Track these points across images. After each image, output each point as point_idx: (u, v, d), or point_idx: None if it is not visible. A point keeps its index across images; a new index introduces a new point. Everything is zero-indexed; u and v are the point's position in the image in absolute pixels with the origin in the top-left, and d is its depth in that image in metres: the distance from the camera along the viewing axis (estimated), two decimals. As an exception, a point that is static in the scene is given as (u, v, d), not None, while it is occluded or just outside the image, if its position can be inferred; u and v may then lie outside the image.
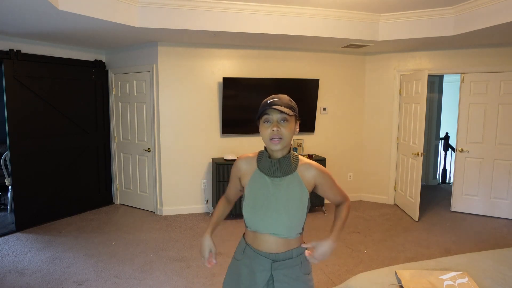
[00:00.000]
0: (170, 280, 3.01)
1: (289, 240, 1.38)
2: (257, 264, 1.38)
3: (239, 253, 1.46)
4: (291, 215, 1.34)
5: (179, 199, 4.74)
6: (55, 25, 3.43)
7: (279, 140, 1.29)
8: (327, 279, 3.04)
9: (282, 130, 1.28)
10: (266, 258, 1.37)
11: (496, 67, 4.51)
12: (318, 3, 3.74)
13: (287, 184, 1.35)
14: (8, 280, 2.98)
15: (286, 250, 1.38)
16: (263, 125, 1.32)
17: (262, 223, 1.35)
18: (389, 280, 2.01)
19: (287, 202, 1.34)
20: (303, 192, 1.36)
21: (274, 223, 1.34)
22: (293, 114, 1.30)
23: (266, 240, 1.37)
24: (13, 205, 4.03)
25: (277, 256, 1.37)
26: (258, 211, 1.35)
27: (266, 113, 1.30)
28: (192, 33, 3.90)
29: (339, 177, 5.31)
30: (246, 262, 1.41)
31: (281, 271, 1.36)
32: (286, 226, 1.34)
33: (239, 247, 1.48)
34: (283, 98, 1.33)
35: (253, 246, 1.40)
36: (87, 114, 4.73)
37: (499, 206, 4.62)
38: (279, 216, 1.33)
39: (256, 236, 1.39)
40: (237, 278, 1.43)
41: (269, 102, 1.30)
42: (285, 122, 1.30)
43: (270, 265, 1.36)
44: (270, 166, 1.36)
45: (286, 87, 4.77)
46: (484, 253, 2.41)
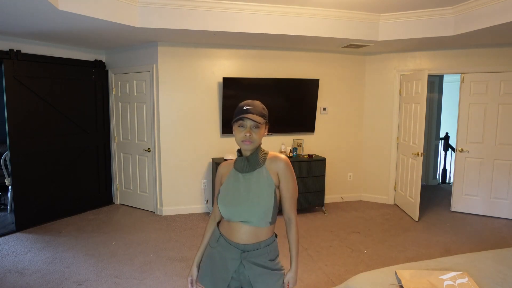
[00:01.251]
0: (170, 280, 3.01)
1: (259, 230, 1.51)
2: (229, 253, 1.52)
3: (214, 242, 1.59)
4: (260, 204, 1.47)
5: (179, 199, 4.74)
6: (55, 25, 3.43)
7: (250, 143, 1.46)
8: (327, 279, 3.05)
9: (253, 136, 1.46)
10: (236, 248, 1.51)
11: (496, 67, 4.51)
12: (318, 3, 3.74)
13: (256, 177, 1.50)
14: (8, 280, 2.98)
15: (255, 242, 1.51)
16: (237, 128, 1.48)
17: (234, 213, 1.49)
18: (389, 280, 2.01)
19: (256, 193, 1.48)
20: (269, 183, 1.50)
21: (245, 212, 1.47)
22: (264, 122, 1.48)
23: (238, 230, 1.50)
24: (13, 205, 4.03)
25: (246, 247, 1.50)
26: (230, 202, 1.50)
27: (241, 119, 1.46)
28: (192, 33, 3.90)
29: (339, 177, 5.31)
30: (220, 250, 1.55)
31: (250, 259, 1.51)
32: (255, 214, 1.47)
33: (213, 236, 1.60)
34: (257, 106, 1.50)
35: (226, 236, 1.54)
36: (87, 114, 4.73)
37: (499, 206, 4.62)
38: (249, 206, 1.47)
39: (230, 225, 1.52)
40: (211, 263, 1.57)
41: (244, 109, 1.47)
42: (256, 128, 1.47)
43: (240, 254, 1.50)
44: (241, 163, 1.52)
45: (286, 87, 4.77)
46: (484, 253, 2.41)
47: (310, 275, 3.11)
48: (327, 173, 5.13)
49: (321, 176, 4.66)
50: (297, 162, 4.55)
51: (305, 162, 4.57)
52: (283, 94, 4.79)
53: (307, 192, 4.62)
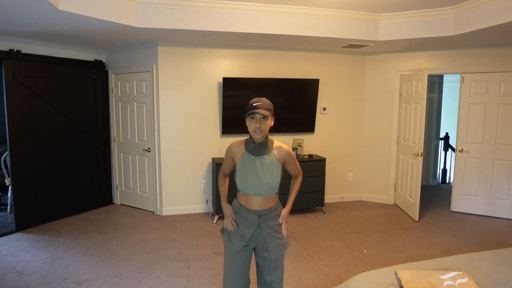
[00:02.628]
0: (170, 280, 3.01)
1: (269, 199, 1.97)
2: (249, 218, 1.97)
3: (235, 211, 2.01)
4: (269, 180, 1.92)
5: (179, 199, 4.74)
6: (55, 25, 3.43)
7: (260, 132, 1.88)
8: (327, 279, 3.05)
9: (262, 126, 1.87)
10: (254, 214, 1.96)
11: (496, 67, 4.51)
12: (318, 3, 3.74)
13: (267, 159, 1.94)
14: (8, 280, 2.98)
15: (266, 207, 1.97)
16: (249, 120, 1.89)
17: (250, 187, 1.93)
18: (389, 280, 2.01)
19: (267, 171, 1.93)
20: (277, 165, 1.96)
21: (259, 186, 1.92)
22: (270, 115, 1.88)
23: (254, 200, 1.95)
24: (13, 205, 4.03)
25: (261, 212, 1.96)
26: (247, 178, 1.93)
27: (252, 113, 1.86)
28: (192, 33, 3.90)
29: (339, 177, 5.31)
30: (239, 217, 1.99)
31: (265, 221, 1.97)
32: (266, 188, 1.93)
33: (233, 207, 2.03)
34: (264, 102, 1.88)
35: (245, 206, 1.98)
36: (87, 114, 4.73)
37: (499, 206, 4.62)
38: (261, 181, 1.92)
39: (246, 197, 1.97)
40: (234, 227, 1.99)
41: (254, 105, 1.86)
42: (264, 119, 1.87)
43: (258, 218, 1.96)
44: (254, 148, 1.94)
45: (286, 87, 4.77)
46: (484, 253, 2.40)
47: (310, 275, 3.11)
48: (327, 173, 5.13)
49: (321, 176, 4.66)
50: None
51: (305, 162, 4.57)
52: (283, 94, 4.79)
53: (307, 192, 4.62)
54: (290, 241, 3.83)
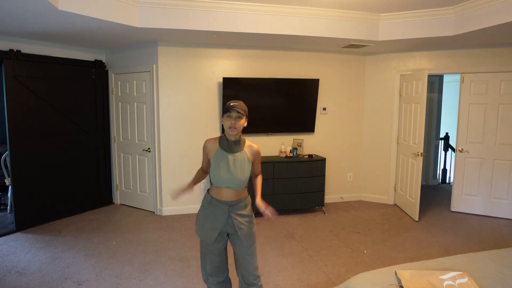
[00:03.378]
0: (170, 280, 3.01)
1: (239, 192, 2.16)
2: (220, 209, 2.14)
3: (207, 203, 2.18)
4: (240, 175, 2.11)
5: (179, 199, 4.73)
6: (55, 25, 3.43)
7: (234, 129, 2.06)
8: (327, 279, 3.05)
9: (236, 123, 2.06)
10: (225, 205, 2.13)
11: (496, 67, 4.51)
12: (318, 3, 3.74)
13: (239, 156, 2.13)
14: (8, 280, 2.98)
15: (236, 198, 2.15)
16: (225, 118, 2.07)
17: (222, 181, 2.11)
18: (389, 280, 2.01)
19: (239, 167, 2.11)
20: (248, 162, 2.15)
21: (230, 180, 2.10)
22: (244, 114, 2.09)
23: (225, 193, 2.13)
24: (13, 205, 4.03)
25: (232, 203, 2.14)
26: (220, 173, 2.10)
27: (229, 111, 2.06)
28: (192, 33, 3.90)
29: (339, 177, 5.31)
30: (212, 208, 2.15)
31: (234, 211, 2.14)
32: (237, 182, 2.11)
33: (205, 199, 2.21)
34: (240, 104, 2.10)
35: (216, 197, 2.15)
36: (87, 114, 4.73)
37: (499, 206, 4.62)
38: (233, 176, 2.10)
39: (219, 190, 2.14)
40: (205, 219, 2.17)
41: (231, 105, 2.06)
42: (239, 118, 2.07)
43: (228, 208, 2.13)
44: (228, 145, 2.12)
45: (286, 87, 4.77)
46: (484, 253, 2.40)
47: (310, 275, 3.11)
48: (327, 173, 5.13)
49: (321, 176, 4.66)
50: (297, 162, 4.54)
51: (305, 162, 4.57)
52: (283, 94, 4.79)
53: (307, 192, 4.62)
54: (290, 241, 3.83)
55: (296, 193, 4.59)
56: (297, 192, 4.59)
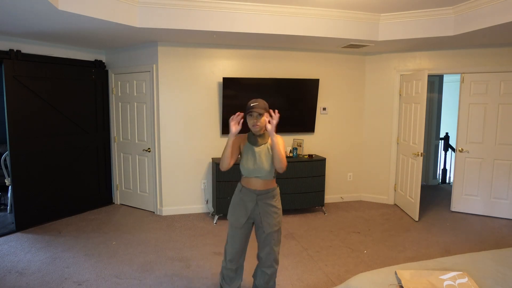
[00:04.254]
0: (170, 280, 3.01)
1: (267, 182, 2.36)
2: (249, 197, 2.36)
3: (238, 191, 2.42)
4: (265, 165, 2.32)
5: (179, 199, 4.74)
6: (55, 25, 3.43)
7: (257, 126, 2.30)
8: (327, 279, 3.05)
9: (258, 121, 2.29)
10: (253, 193, 2.35)
11: (496, 67, 4.51)
12: (318, 3, 3.74)
13: (264, 149, 2.36)
14: (8, 280, 2.98)
15: (264, 188, 2.36)
16: (248, 117, 2.31)
17: (250, 171, 2.33)
18: (389, 280, 2.01)
19: (263, 159, 2.33)
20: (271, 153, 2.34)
21: (257, 171, 2.32)
22: (265, 111, 2.29)
23: (254, 182, 2.35)
24: (13, 205, 4.03)
25: (259, 192, 2.35)
26: (248, 164, 2.34)
27: (250, 112, 2.28)
28: (192, 33, 3.90)
29: (339, 177, 5.31)
30: (242, 196, 2.39)
31: (262, 200, 2.35)
32: (264, 172, 2.32)
33: (237, 188, 2.44)
34: (260, 102, 2.30)
35: (246, 186, 2.38)
36: (87, 114, 4.73)
37: (499, 206, 4.62)
38: (260, 166, 2.32)
39: (248, 179, 2.37)
40: (235, 205, 2.40)
41: (252, 106, 2.27)
42: (260, 116, 2.29)
43: (256, 197, 2.35)
44: (254, 140, 2.38)
45: (286, 87, 4.77)
46: (484, 253, 2.40)
47: (310, 275, 3.11)
48: (327, 173, 5.13)
49: (321, 176, 4.66)
50: (297, 162, 4.54)
51: (305, 162, 4.57)
52: (283, 94, 4.79)
53: (307, 192, 4.62)
54: (290, 241, 3.83)
55: (296, 193, 4.59)
56: (297, 192, 4.59)
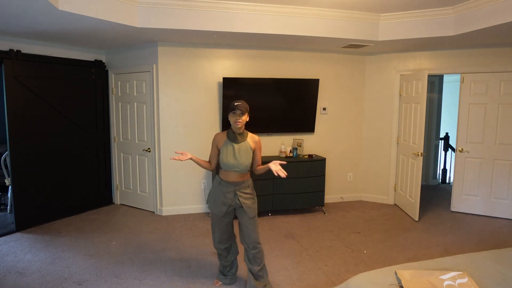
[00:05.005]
0: (170, 280, 3.01)
1: (243, 174, 2.64)
2: (227, 188, 2.63)
3: (217, 184, 2.68)
4: (244, 160, 2.58)
5: (179, 199, 4.74)
6: (55, 25, 3.43)
7: (239, 123, 2.54)
8: (327, 279, 3.05)
9: (240, 119, 2.54)
10: (232, 185, 2.63)
11: (496, 67, 4.51)
12: (318, 3, 3.74)
13: (243, 146, 2.62)
14: (8, 280, 2.99)
15: (241, 180, 2.64)
16: (231, 115, 2.55)
17: (230, 165, 2.58)
18: (389, 280, 2.01)
19: (244, 155, 2.59)
20: (250, 150, 2.63)
21: (236, 165, 2.58)
22: (246, 111, 2.56)
23: (232, 175, 2.62)
24: (13, 205, 4.03)
25: (237, 183, 2.63)
26: (228, 159, 2.58)
27: (234, 110, 2.53)
28: (192, 33, 3.90)
29: (339, 177, 5.31)
30: (221, 188, 2.65)
31: (239, 190, 2.64)
32: (242, 167, 2.58)
33: (215, 181, 2.69)
34: (243, 103, 2.55)
35: (225, 179, 2.64)
36: (87, 114, 4.73)
37: (499, 206, 4.62)
38: (238, 162, 2.57)
39: (227, 173, 2.63)
40: (216, 196, 2.67)
41: (236, 105, 2.52)
42: (242, 115, 2.54)
43: (234, 188, 2.63)
44: (234, 137, 2.62)
45: (286, 87, 4.77)
46: (484, 253, 2.41)
47: (310, 275, 3.11)
48: (327, 173, 5.13)
49: (321, 176, 4.66)
50: (297, 162, 4.54)
51: (305, 162, 4.57)
52: (283, 94, 4.79)
53: (307, 192, 4.62)
54: (290, 241, 3.83)
55: (296, 193, 4.59)
56: (297, 192, 4.59)
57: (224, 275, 2.95)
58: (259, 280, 2.72)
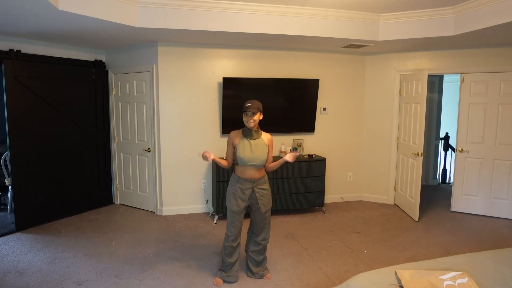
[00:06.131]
0: (170, 280, 3.01)
1: (259, 170, 2.82)
2: (246, 185, 2.81)
3: (235, 182, 2.84)
4: (260, 155, 2.77)
5: (179, 199, 4.74)
6: (55, 25, 3.43)
7: (252, 122, 2.73)
8: (327, 279, 3.05)
9: (252, 118, 2.72)
10: (250, 181, 2.80)
11: (496, 67, 4.51)
12: (318, 3, 3.74)
13: (258, 142, 2.81)
14: (8, 280, 2.99)
15: (258, 176, 2.82)
16: (244, 115, 2.74)
17: (247, 160, 2.75)
18: (389, 280, 2.01)
19: (260, 150, 2.78)
20: (265, 145, 2.82)
21: (253, 159, 2.75)
22: (258, 111, 2.75)
23: (249, 171, 2.79)
24: (13, 205, 4.03)
25: (255, 179, 2.81)
26: (245, 154, 2.75)
27: (245, 111, 2.71)
28: (192, 33, 3.90)
29: (339, 177, 5.31)
30: (239, 185, 2.81)
31: (257, 186, 2.83)
32: (258, 161, 2.76)
33: (233, 178, 2.86)
34: (254, 103, 2.74)
35: (242, 176, 2.80)
36: (87, 114, 4.73)
37: (499, 206, 4.62)
38: (255, 155, 2.75)
39: (244, 169, 2.80)
40: (235, 193, 2.82)
41: (247, 106, 2.71)
42: (253, 115, 2.72)
43: (252, 184, 2.81)
44: (249, 134, 2.80)
45: (286, 87, 4.77)
46: (484, 253, 2.41)
47: (310, 275, 3.11)
48: (327, 173, 5.13)
49: (321, 176, 4.66)
50: (297, 162, 4.54)
51: (305, 162, 4.57)
52: (283, 94, 4.79)
53: (307, 192, 4.62)
54: (290, 241, 3.83)
55: (296, 193, 4.59)
56: (297, 192, 4.59)
57: (226, 272, 2.98)
58: (260, 266, 3.04)
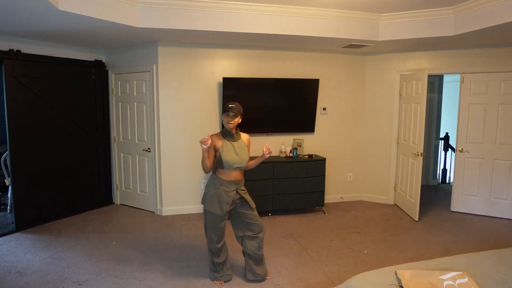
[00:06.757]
0: (170, 280, 3.01)
1: (241, 171, 2.84)
2: (230, 187, 2.78)
3: (218, 185, 2.77)
4: (244, 156, 2.79)
5: (179, 199, 4.74)
6: (55, 25, 3.43)
7: (232, 124, 2.71)
8: (327, 279, 3.05)
9: (233, 120, 2.70)
10: (233, 183, 2.79)
11: (496, 67, 4.51)
12: (318, 3, 3.74)
13: (240, 144, 2.81)
14: (8, 280, 2.98)
15: (240, 178, 2.84)
16: (225, 116, 2.70)
17: (233, 162, 2.73)
18: (389, 280, 2.01)
19: (242, 152, 2.79)
20: (246, 147, 2.85)
21: (240, 161, 2.75)
22: (239, 114, 2.72)
23: (234, 173, 2.78)
24: (13, 205, 4.03)
25: (237, 181, 2.82)
26: (231, 156, 2.72)
27: (227, 111, 2.68)
28: (192, 33, 3.90)
29: (339, 177, 5.31)
30: (223, 188, 2.76)
31: (240, 187, 2.84)
32: (244, 163, 2.79)
33: (216, 181, 2.78)
34: (237, 105, 2.71)
35: (226, 179, 2.77)
36: (87, 114, 4.73)
37: (499, 206, 4.62)
38: (242, 158, 2.77)
39: (228, 172, 2.76)
40: (219, 197, 2.75)
41: (229, 107, 2.68)
42: (235, 117, 2.70)
43: (235, 186, 2.80)
44: (231, 136, 2.78)
45: (286, 87, 4.77)
46: (484, 253, 2.41)
47: (310, 275, 3.11)
48: (327, 173, 5.13)
49: (321, 176, 4.66)
50: (297, 162, 4.54)
51: (305, 162, 4.57)
52: (283, 94, 4.79)
53: (307, 192, 4.62)
54: (290, 241, 3.84)
55: (296, 193, 4.59)
56: (297, 192, 4.59)
57: (218, 273, 2.98)
58: (261, 264, 2.98)
